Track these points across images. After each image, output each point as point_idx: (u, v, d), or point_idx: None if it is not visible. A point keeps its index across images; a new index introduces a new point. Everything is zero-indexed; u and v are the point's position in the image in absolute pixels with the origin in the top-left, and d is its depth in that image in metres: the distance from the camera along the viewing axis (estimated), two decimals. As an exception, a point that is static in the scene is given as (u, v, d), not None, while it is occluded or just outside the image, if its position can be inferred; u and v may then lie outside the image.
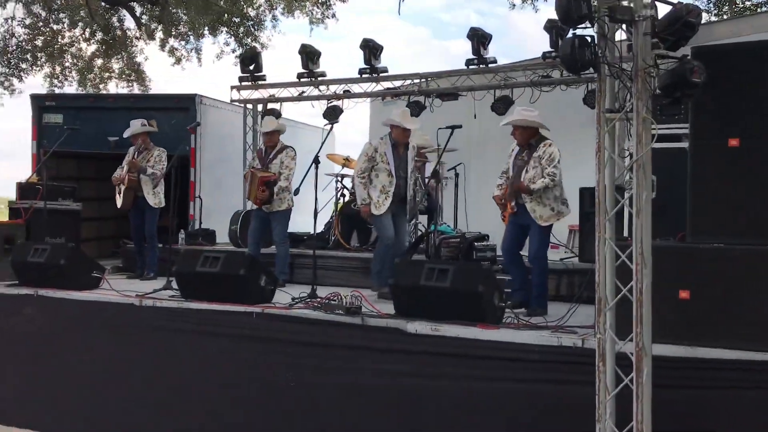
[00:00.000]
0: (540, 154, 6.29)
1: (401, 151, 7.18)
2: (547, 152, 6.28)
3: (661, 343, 4.33)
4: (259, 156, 8.35)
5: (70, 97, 14.00)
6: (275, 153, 8.11)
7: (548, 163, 6.23)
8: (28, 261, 7.13)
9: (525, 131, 6.39)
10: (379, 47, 10.04)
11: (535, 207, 6.24)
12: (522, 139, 6.42)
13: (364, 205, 7.14)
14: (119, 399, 6.15)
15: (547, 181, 6.18)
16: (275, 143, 8.18)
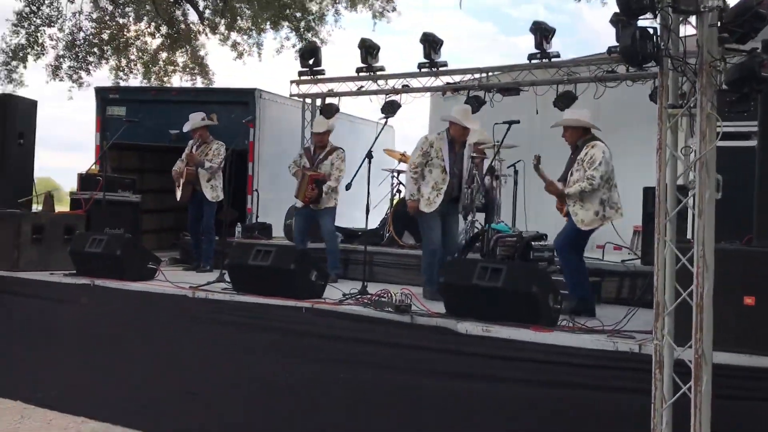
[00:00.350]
0: (582, 156, 6.09)
1: (458, 148, 7.02)
2: (588, 154, 6.05)
3: (723, 350, 4.12)
4: (308, 155, 8.33)
5: (133, 90, 14.28)
6: (325, 154, 8.12)
7: (589, 165, 6.00)
8: (86, 251, 7.25)
9: (573, 132, 6.22)
10: (439, 41, 9.91)
11: (577, 210, 6.05)
12: (570, 141, 6.26)
13: (411, 201, 6.98)
14: (171, 389, 6.19)
15: (584, 185, 5.95)
16: (325, 143, 8.18)
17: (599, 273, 7.25)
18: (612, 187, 6.12)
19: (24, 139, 8.34)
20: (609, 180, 6.07)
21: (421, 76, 10.17)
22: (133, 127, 9.72)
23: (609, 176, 6.06)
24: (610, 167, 6.06)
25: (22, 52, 16.94)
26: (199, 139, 8.73)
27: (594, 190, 5.97)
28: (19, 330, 7.24)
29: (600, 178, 5.95)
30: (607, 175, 6.01)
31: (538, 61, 9.16)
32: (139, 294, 6.78)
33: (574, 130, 6.21)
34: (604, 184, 6.02)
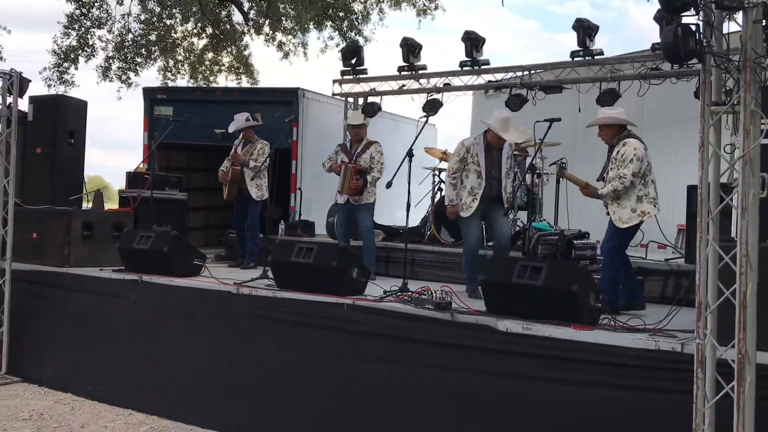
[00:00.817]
0: (615, 155, 6.07)
1: (495, 152, 7.02)
2: (621, 152, 6.02)
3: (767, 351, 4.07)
4: (344, 151, 8.34)
5: (179, 90, 14.52)
6: (363, 147, 8.14)
7: (621, 163, 5.97)
8: (134, 248, 7.41)
9: (608, 131, 6.19)
10: (481, 39, 9.91)
11: (615, 209, 6.05)
12: (606, 140, 6.23)
13: (451, 206, 7.06)
14: (216, 384, 6.31)
15: (616, 184, 5.93)
16: (361, 138, 8.20)
17: (642, 272, 7.17)
18: (648, 183, 6.08)
19: (75, 139, 8.55)
20: (645, 176, 6.03)
21: (462, 75, 10.19)
22: (180, 127, 9.90)
23: (644, 172, 6.02)
24: (644, 163, 6.02)
25: (73, 54, 17.33)
26: (243, 138, 8.86)
27: (627, 187, 5.95)
28: (69, 324, 7.44)
29: (632, 176, 5.92)
30: (641, 171, 5.98)
31: (581, 59, 9.11)
32: (184, 290, 6.90)
33: (609, 129, 6.18)
34: (639, 180, 5.98)
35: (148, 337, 6.91)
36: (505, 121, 6.92)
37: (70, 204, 8.29)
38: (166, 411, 6.38)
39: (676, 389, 4.30)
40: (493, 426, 5.02)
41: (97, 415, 6.38)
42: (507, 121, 6.95)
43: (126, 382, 6.81)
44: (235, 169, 8.66)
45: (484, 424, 5.06)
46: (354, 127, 8.31)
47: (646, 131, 10.55)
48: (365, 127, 8.31)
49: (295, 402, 5.88)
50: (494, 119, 6.94)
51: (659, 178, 10.43)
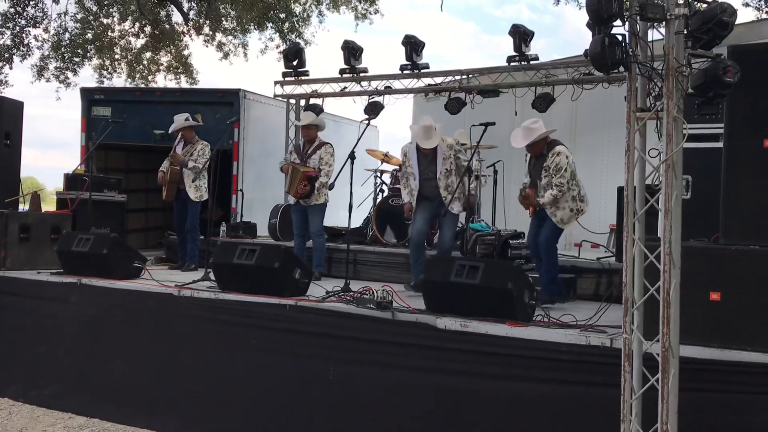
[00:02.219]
0: (548, 164, 6.46)
1: (428, 154, 7.21)
2: (554, 162, 6.45)
3: (690, 344, 4.31)
4: (297, 151, 8.41)
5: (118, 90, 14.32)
6: (314, 148, 8.17)
7: (555, 172, 6.43)
8: (73, 250, 7.33)
9: (536, 145, 6.55)
10: (421, 43, 10.08)
11: (555, 212, 6.48)
12: (536, 152, 6.60)
13: (407, 206, 7.50)
14: (158, 385, 6.31)
15: (555, 192, 6.40)
16: (313, 138, 8.23)
17: (575, 270, 7.44)
18: (578, 182, 6.55)
19: (11, 140, 8.40)
20: (574, 176, 6.50)
21: (403, 78, 10.33)
22: (119, 127, 9.79)
23: (573, 173, 6.49)
24: (573, 167, 6.49)
25: (7, 53, 16.93)
26: (183, 139, 8.82)
27: (564, 193, 6.41)
28: (7, 329, 7.32)
29: (566, 183, 6.39)
30: (571, 174, 6.45)
31: (517, 64, 9.34)
32: (125, 292, 6.86)
33: (539, 143, 6.53)
34: (572, 182, 6.45)
35: (89, 340, 6.85)
36: (427, 129, 7.07)
37: (7, 206, 8.14)
38: (108, 414, 6.35)
39: (605, 382, 4.48)
40: (434, 421, 5.16)
41: (36, 419, 6.31)
42: (429, 129, 7.08)
43: (66, 386, 6.76)
44: (174, 170, 8.60)
45: (426, 420, 5.20)
46: (303, 128, 8.35)
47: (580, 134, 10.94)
48: (316, 127, 8.28)
49: (240, 403, 5.93)
50: (414, 130, 7.27)
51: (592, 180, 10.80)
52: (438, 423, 5.16)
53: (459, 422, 5.08)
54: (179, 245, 9.07)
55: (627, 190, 4.16)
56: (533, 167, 6.67)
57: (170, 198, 8.71)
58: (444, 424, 5.14)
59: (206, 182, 8.69)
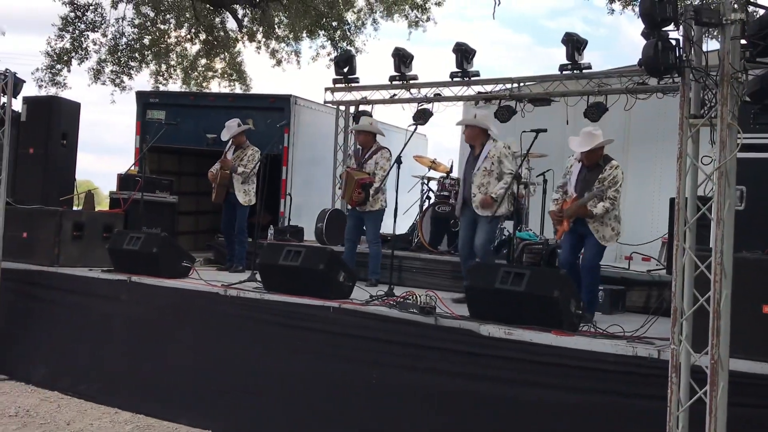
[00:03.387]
0: (605, 176, 6.23)
1: (476, 152, 7.18)
2: (611, 174, 6.23)
3: (741, 358, 4.18)
4: (355, 156, 8.43)
5: (172, 94, 14.60)
6: (371, 153, 8.16)
7: (611, 184, 6.19)
8: (124, 248, 7.47)
9: (594, 153, 6.29)
10: (472, 51, 10.06)
11: (598, 227, 6.23)
12: (591, 161, 6.32)
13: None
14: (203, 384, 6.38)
15: (608, 205, 6.15)
16: (370, 144, 8.21)
17: (625, 282, 7.31)
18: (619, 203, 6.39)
19: (67, 140, 8.63)
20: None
21: (453, 86, 10.32)
22: (172, 131, 9.98)
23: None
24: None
25: (66, 56, 17.39)
26: (234, 143, 8.93)
27: (614, 208, 6.24)
28: (58, 324, 7.49)
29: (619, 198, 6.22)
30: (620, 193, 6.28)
31: (570, 72, 9.25)
32: (173, 291, 6.96)
33: (598, 150, 6.31)
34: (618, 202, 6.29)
35: (136, 337, 6.97)
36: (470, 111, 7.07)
37: (61, 204, 8.35)
38: (153, 410, 6.43)
39: (652, 394, 4.38)
40: (476, 428, 5.11)
41: (83, 413, 6.43)
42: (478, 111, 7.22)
43: (114, 381, 6.87)
44: (224, 173, 8.72)
45: (466, 427, 5.14)
46: (358, 133, 8.38)
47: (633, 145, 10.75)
48: (370, 133, 8.23)
49: (283, 402, 5.96)
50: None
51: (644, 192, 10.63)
52: (478, 430, 5.10)
53: (500, 429, 5.02)
54: (227, 247, 9.18)
55: (678, 198, 4.08)
56: (583, 178, 6.36)
57: (219, 200, 8.83)
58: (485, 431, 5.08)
59: (255, 187, 8.78)
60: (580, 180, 6.37)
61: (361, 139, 8.28)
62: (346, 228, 8.30)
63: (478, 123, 7.15)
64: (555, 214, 6.47)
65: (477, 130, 7.13)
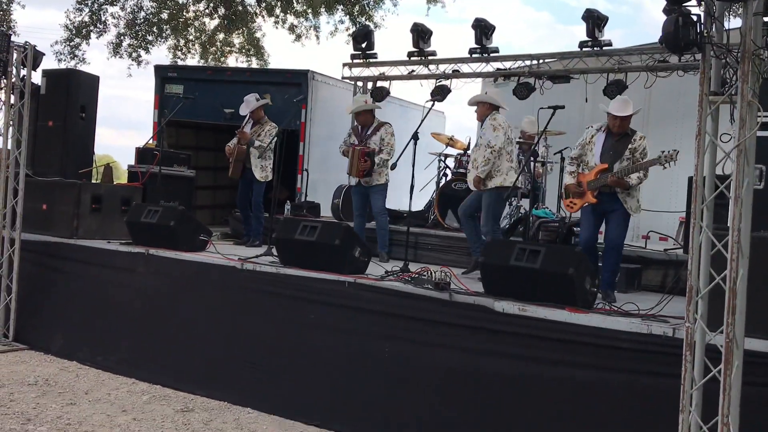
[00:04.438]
0: (636, 146, 6.14)
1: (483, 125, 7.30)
2: (642, 145, 6.15)
3: (756, 337, 4.17)
4: (356, 133, 8.40)
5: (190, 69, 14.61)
6: (373, 129, 8.15)
7: (642, 156, 6.10)
8: (142, 221, 7.53)
9: (626, 121, 6.20)
10: (491, 27, 9.95)
11: (626, 198, 6.15)
12: (622, 129, 6.21)
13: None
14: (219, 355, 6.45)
15: (641, 175, 6.06)
16: (370, 122, 8.20)
17: (642, 261, 7.28)
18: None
19: (86, 113, 8.66)
20: None
21: (472, 62, 10.23)
22: (190, 105, 10.00)
23: None
24: None
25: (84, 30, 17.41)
26: (252, 118, 8.93)
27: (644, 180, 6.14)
28: (77, 295, 7.59)
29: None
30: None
31: (590, 49, 9.15)
32: (190, 264, 7.02)
33: (628, 119, 6.21)
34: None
35: (154, 309, 7.05)
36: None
37: (80, 177, 8.41)
38: (169, 381, 6.52)
39: (666, 372, 4.40)
40: (488, 403, 5.14)
41: (101, 383, 6.52)
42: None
43: (131, 352, 6.97)
44: (240, 148, 8.73)
45: (478, 402, 5.17)
46: (357, 115, 8.36)
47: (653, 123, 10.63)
48: (369, 112, 8.22)
49: (297, 375, 6.02)
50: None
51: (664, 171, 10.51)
52: (491, 406, 5.13)
53: (513, 406, 5.05)
54: (243, 221, 9.22)
55: (696, 176, 4.04)
56: (612, 147, 6.20)
57: (236, 175, 8.85)
58: (498, 407, 5.11)
59: (272, 163, 8.80)
60: (607, 149, 6.24)
61: (361, 120, 8.27)
62: (354, 203, 8.33)
63: (482, 99, 7.29)
64: (574, 186, 6.33)
65: (484, 107, 7.29)
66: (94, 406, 5.82)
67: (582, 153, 6.41)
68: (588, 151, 6.35)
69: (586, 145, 6.38)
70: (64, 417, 5.49)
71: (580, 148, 6.43)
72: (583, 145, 6.41)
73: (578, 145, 6.48)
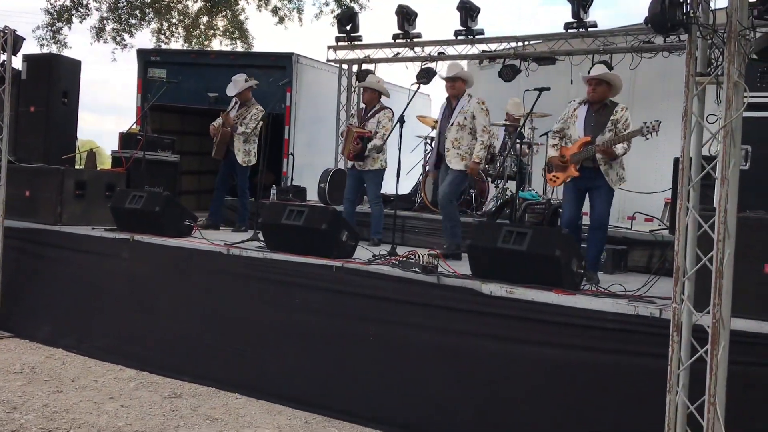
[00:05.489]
0: (618, 118, 6.11)
1: (453, 104, 7.29)
2: (624, 116, 6.12)
3: (742, 317, 4.19)
4: (358, 115, 8.41)
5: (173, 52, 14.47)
6: (373, 112, 8.13)
7: (624, 127, 6.07)
8: (126, 207, 7.46)
9: (607, 89, 6.18)
10: (476, 9, 9.94)
11: (608, 170, 6.11)
12: (600, 96, 6.17)
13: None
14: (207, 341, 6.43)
15: (625, 146, 6.02)
16: (374, 103, 8.18)
17: (627, 242, 7.31)
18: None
19: (68, 98, 8.57)
20: None
21: (457, 44, 10.22)
22: (174, 89, 9.91)
23: None
24: None
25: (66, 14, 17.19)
26: (239, 100, 8.84)
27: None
28: (62, 282, 7.53)
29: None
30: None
31: (575, 31, 9.15)
32: (176, 249, 6.97)
33: (608, 87, 6.19)
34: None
35: (139, 296, 7.00)
36: (450, 64, 7.31)
37: (63, 163, 8.32)
38: (157, 367, 6.50)
39: (653, 353, 4.40)
40: (476, 385, 5.15)
41: (88, 370, 6.49)
42: (453, 64, 7.40)
43: (117, 339, 6.93)
44: (225, 131, 8.65)
45: (466, 384, 5.19)
46: (365, 91, 8.33)
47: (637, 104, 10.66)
48: (377, 92, 8.18)
49: (285, 360, 6.01)
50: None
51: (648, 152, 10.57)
52: (479, 387, 5.14)
53: (501, 388, 5.06)
54: (215, 200, 9.09)
55: (683, 157, 4.04)
56: (594, 119, 6.18)
57: (219, 156, 8.78)
58: (486, 389, 5.12)
59: (255, 147, 8.74)
60: (589, 122, 6.21)
61: (367, 97, 8.24)
62: (346, 187, 8.26)
63: (464, 75, 7.28)
64: (558, 159, 6.29)
65: (462, 84, 7.27)
66: (80, 394, 5.79)
67: (564, 126, 6.39)
68: (571, 124, 6.32)
69: (568, 118, 6.36)
70: (51, 405, 5.46)
71: (563, 122, 6.41)
72: (565, 119, 6.39)
73: (561, 118, 6.46)
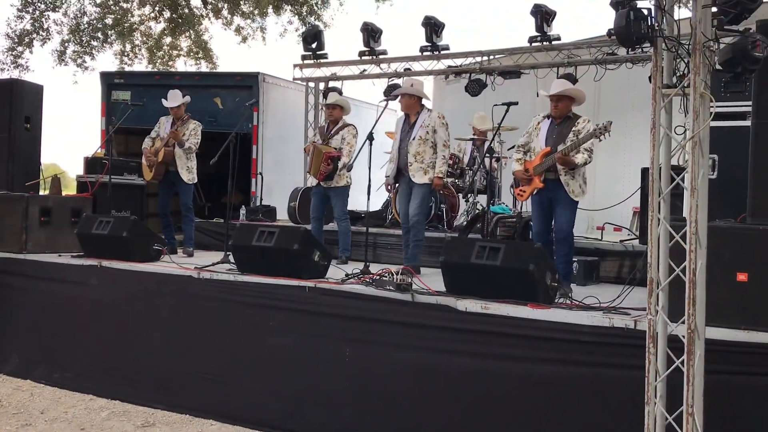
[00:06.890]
0: (579, 129, 6.20)
1: (411, 120, 7.29)
2: (586, 128, 6.20)
3: (716, 326, 4.21)
4: (321, 132, 8.34)
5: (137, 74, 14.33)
6: (337, 129, 8.09)
7: (587, 137, 6.12)
8: (93, 233, 7.34)
9: (565, 102, 6.29)
10: (441, 24, 9.99)
11: (569, 181, 6.20)
12: (562, 112, 6.31)
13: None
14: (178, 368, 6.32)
15: (586, 156, 6.11)
16: (337, 119, 8.14)
17: (599, 253, 7.35)
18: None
19: (31, 124, 8.41)
20: None
21: (423, 60, 10.25)
22: (139, 112, 9.78)
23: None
24: None
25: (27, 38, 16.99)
26: (173, 117, 8.59)
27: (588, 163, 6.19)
28: (28, 311, 7.36)
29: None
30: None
31: (539, 44, 9.23)
32: (145, 275, 6.86)
33: (570, 101, 6.31)
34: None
35: (109, 323, 6.87)
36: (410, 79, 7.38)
37: (27, 190, 8.17)
38: (128, 395, 6.38)
39: (629, 364, 4.41)
40: (452, 403, 5.12)
41: (57, 401, 6.35)
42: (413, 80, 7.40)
43: (88, 368, 6.79)
44: (167, 150, 8.37)
45: (444, 401, 5.15)
46: (328, 108, 8.27)
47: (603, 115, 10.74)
48: (341, 108, 8.16)
49: (260, 384, 5.93)
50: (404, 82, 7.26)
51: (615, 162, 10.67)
52: (456, 405, 5.11)
53: (478, 404, 5.03)
54: (164, 229, 8.77)
55: (652, 168, 4.07)
56: (555, 132, 6.30)
57: (158, 179, 8.53)
58: (463, 405, 5.09)
59: (196, 164, 8.56)
60: (551, 135, 6.33)
61: (330, 114, 8.21)
62: (312, 205, 8.19)
63: (414, 92, 7.25)
64: (522, 173, 6.42)
65: (413, 99, 7.27)
66: (51, 426, 5.66)
67: (528, 140, 6.52)
68: (534, 137, 6.45)
69: (532, 132, 6.49)
70: (20, 439, 5.33)
71: (527, 136, 6.54)
72: (529, 133, 6.53)
73: (525, 133, 6.59)
